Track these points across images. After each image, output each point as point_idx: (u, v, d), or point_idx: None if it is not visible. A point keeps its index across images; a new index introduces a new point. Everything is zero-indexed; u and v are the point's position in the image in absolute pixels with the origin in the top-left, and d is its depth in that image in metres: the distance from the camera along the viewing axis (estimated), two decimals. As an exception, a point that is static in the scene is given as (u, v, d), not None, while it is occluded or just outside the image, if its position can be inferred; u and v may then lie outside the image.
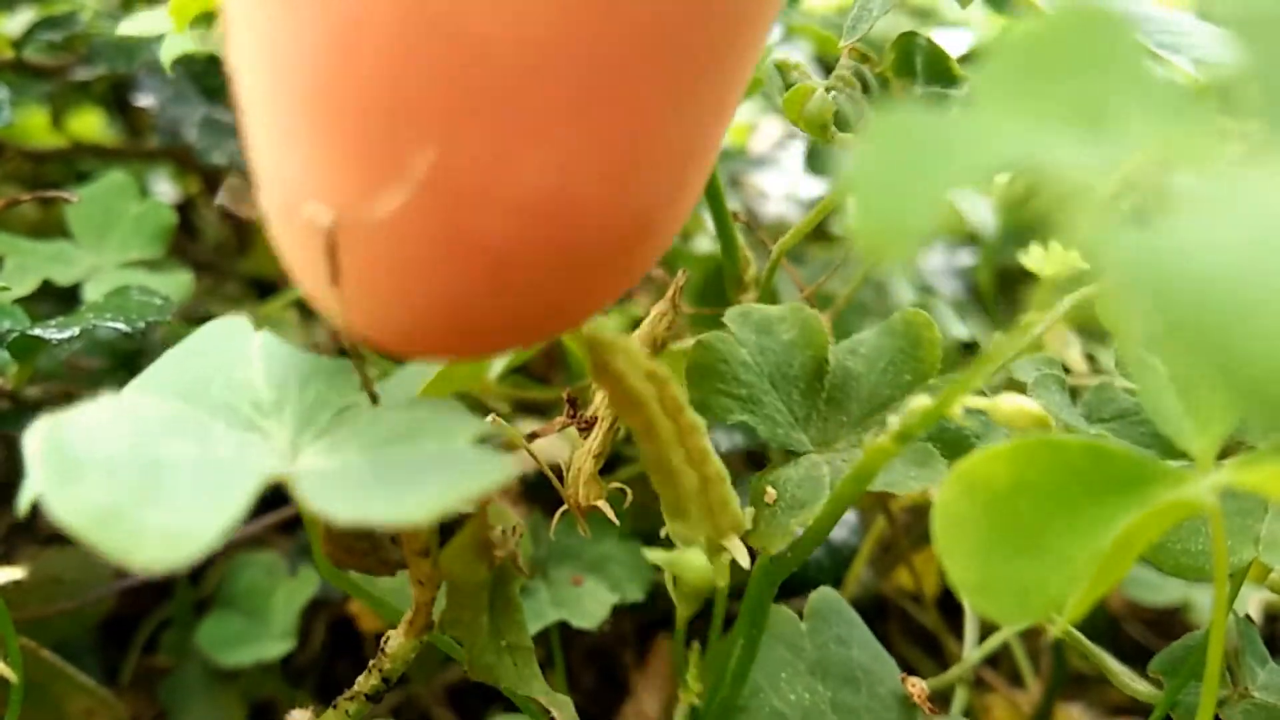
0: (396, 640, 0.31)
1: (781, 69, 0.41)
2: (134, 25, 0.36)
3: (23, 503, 0.20)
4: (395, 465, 0.23)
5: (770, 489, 0.31)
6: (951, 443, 0.31)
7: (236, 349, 0.28)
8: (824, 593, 0.36)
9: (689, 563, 0.30)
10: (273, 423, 0.26)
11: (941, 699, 0.45)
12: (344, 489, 0.23)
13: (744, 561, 0.29)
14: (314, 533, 0.28)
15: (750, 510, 0.31)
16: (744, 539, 0.30)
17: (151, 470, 0.21)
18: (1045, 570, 0.22)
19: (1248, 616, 0.35)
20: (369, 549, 0.31)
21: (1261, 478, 0.22)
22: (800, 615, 0.36)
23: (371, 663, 0.31)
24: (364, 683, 0.31)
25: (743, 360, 0.33)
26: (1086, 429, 0.35)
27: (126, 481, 0.21)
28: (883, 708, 0.34)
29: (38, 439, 0.21)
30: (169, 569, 0.19)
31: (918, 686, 0.35)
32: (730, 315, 0.34)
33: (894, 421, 0.26)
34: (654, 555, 0.30)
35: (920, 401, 0.25)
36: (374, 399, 0.27)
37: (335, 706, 0.31)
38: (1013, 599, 0.22)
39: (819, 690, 0.33)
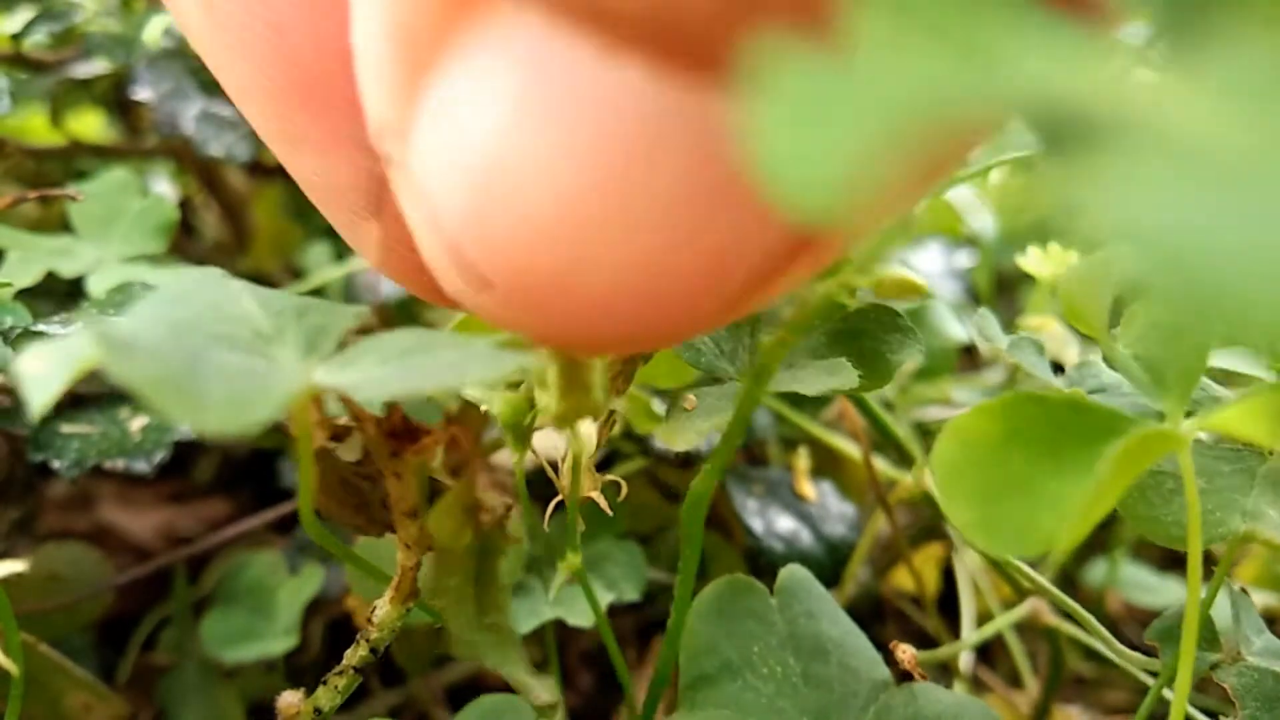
0: (383, 609, 0.31)
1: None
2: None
3: (35, 407, 0.19)
4: (418, 369, 0.23)
5: (691, 396, 0.33)
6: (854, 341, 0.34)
7: (220, 292, 0.28)
8: (792, 569, 0.36)
9: (503, 396, 0.31)
10: (276, 348, 0.25)
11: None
12: (372, 385, 0.23)
13: (590, 444, 0.31)
14: (305, 481, 0.27)
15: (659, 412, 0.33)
16: (656, 436, 0.32)
17: (195, 358, 0.21)
18: (1038, 509, 0.25)
19: (1243, 588, 0.35)
20: (360, 502, 0.31)
21: (1226, 420, 0.26)
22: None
23: (359, 634, 0.31)
24: (352, 655, 0.31)
25: None
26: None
27: (177, 361, 0.20)
28: (854, 679, 0.34)
29: (86, 326, 0.21)
30: (237, 432, 0.19)
31: (907, 653, 0.35)
32: None
33: (786, 313, 0.27)
34: (470, 387, 0.31)
35: (809, 290, 0.26)
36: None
37: (325, 683, 0.31)
38: (1010, 535, 0.25)
39: (790, 664, 0.34)
